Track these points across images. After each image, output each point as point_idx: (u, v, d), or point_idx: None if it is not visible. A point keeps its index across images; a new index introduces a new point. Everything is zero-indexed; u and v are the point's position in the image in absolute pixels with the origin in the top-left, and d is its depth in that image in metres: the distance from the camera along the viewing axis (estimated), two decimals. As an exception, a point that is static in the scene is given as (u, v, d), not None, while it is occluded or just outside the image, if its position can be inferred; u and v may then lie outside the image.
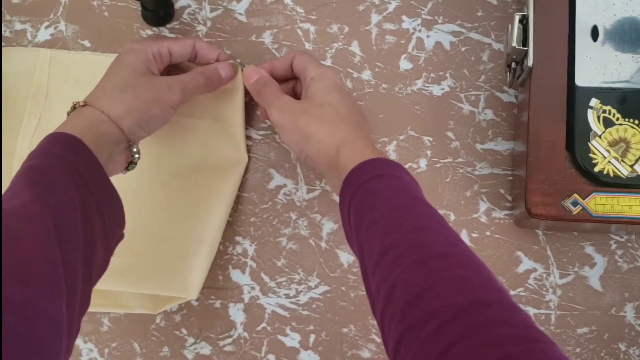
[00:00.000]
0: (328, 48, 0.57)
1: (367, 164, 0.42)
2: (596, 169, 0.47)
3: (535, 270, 0.54)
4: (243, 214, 0.55)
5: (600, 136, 0.48)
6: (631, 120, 0.48)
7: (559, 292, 0.53)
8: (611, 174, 0.47)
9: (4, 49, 0.57)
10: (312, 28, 0.57)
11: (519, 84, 0.52)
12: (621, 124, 0.48)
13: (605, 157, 0.47)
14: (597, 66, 0.49)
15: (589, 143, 0.48)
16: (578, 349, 0.53)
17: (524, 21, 0.48)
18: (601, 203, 0.47)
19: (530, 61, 0.48)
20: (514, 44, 0.48)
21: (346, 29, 0.57)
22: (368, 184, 0.40)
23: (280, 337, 0.54)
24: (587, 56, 0.49)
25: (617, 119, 0.48)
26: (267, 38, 0.57)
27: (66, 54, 0.57)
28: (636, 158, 0.47)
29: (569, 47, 0.49)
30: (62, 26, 0.58)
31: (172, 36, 0.58)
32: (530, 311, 0.53)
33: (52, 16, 0.58)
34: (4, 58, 0.56)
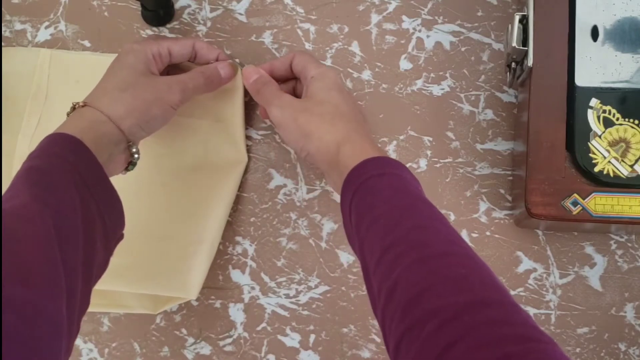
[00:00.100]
0: (328, 48, 0.57)
1: (368, 163, 0.42)
2: (596, 169, 0.47)
3: (535, 270, 0.54)
4: (243, 214, 0.55)
5: (600, 136, 0.48)
6: (631, 120, 0.48)
7: (559, 292, 0.53)
8: (611, 174, 0.47)
9: (4, 49, 0.57)
10: (312, 28, 0.57)
11: (519, 84, 0.52)
12: (621, 124, 0.48)
13: (605, 157, 0.47)
14: (597, 66, 0.49)
15: (589, 143, 0.48)
16: (578, 349, 0.53)
17: (524, 21, 0.48)
18: (601, 203, 0.47)
19: (530, 61, 0.48)
20: (514, 44, 0.48)
21: (346, 29, 0.57)
22: (369, 183, 0.40)
23: (280, 337, 0.54)
24: (587, 56, 0.49)
25: (617, 119, 0.48)
26: (267, 38, 0.57)
27: (66, 54, 0.57)
28: (636, 158, 0.47)
29: (569, 47, 0.49)
30: (62, 26, 0.58)
31: (172, 36, 0.58)
32: (530, 311, 0.53)
33: (52, 16, 0.58)
34: (4, 58, 0.56)
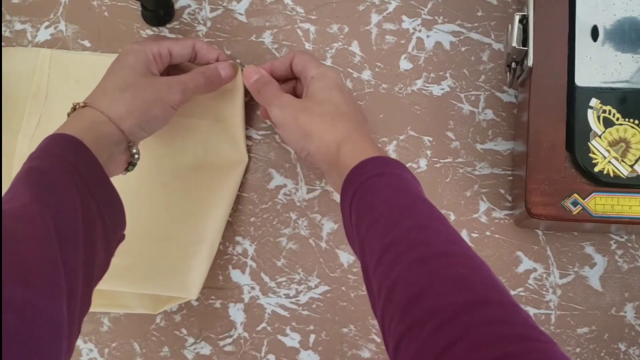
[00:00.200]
0: (328, 48, 0.57)
1: (368, 162, 0.42)
2: (596, 169, 0.47)
3: (535, 270, 0.54)
4: (243, 214, 0.55)
5: (600, 136, 0.48)
6: (631, 120, 0.48)
7: (559, 292, 0.53)
8: (611, 174, 0.47)
9: (4, 49, 0.57)
10: (312, 28, 0.57)
11: (519, 84, 0.52)
12: (621, 124, 0.48)
13: (605, 157, 0.47)
14: (597, 66, 0.49)
15: (589, 143, 0.48)
16: (578, 349, 0.53)
17: (524, 21, 0.48)
18: (601, 203, 0.47)
19: (530, 61, 0.48)
20: (514, 44, 0.48)
21: (346, 29, 0.57)
22: (369, 182, 0.40)
23: (280, 337, 0.54)
24: (587, 56, 0.49)
25: (617, 119, 0.48)
26: (267, 38, 0.57)
27: (66, 54, 0.57)
28: (636, 158, 0.47)
29: (569, 47, 0.49)
30: (62, 26, 0.58)
31: (172, 36, 0.58)
32: (530, 311, 0.53)
33: (52, 16, 0.58)
34: (4, 58, 0.56)
